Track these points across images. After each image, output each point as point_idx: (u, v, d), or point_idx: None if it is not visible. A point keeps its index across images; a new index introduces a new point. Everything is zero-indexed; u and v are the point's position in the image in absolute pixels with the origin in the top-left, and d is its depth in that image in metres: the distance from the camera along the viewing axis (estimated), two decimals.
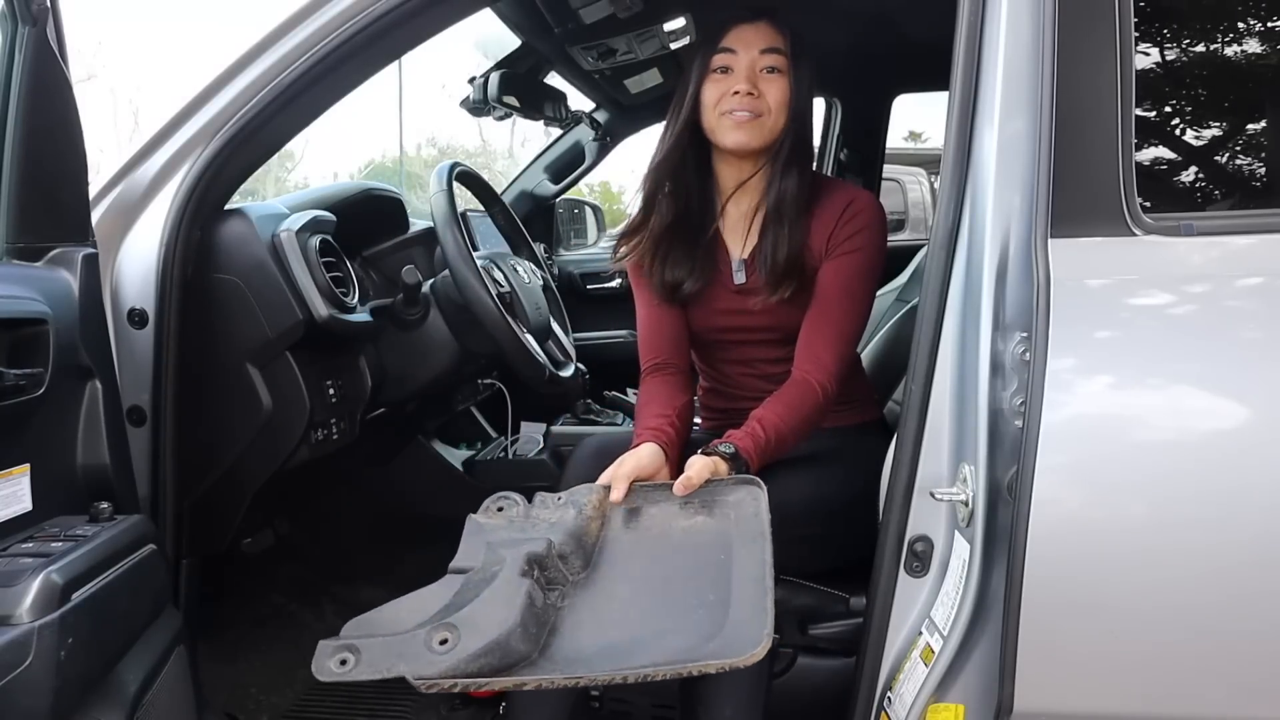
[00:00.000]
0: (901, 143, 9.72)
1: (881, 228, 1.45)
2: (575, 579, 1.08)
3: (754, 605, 0.98)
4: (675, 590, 1.04)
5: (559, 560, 1.08)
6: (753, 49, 1.39)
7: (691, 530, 1.15)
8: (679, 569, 1.07)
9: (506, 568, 1.03)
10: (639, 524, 1.18)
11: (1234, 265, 1.03)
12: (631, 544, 1.14)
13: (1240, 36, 1.12)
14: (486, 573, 1.04)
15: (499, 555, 1.06)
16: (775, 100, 1.39)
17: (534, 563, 1.05)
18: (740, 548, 1.08)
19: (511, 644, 0.95)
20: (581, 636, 0.99)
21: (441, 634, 0.95)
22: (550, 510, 1.17)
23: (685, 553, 1.11)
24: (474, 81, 2.20)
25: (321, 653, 0.95)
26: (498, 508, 1.18)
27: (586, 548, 1.12)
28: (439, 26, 1.38)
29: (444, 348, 1.77)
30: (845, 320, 1.41)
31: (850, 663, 1.21)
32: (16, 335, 1.05)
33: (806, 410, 1.35)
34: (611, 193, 12.83)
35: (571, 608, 1.04)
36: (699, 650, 0.93)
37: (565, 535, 1.10)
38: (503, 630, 0.95)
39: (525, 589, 1.00)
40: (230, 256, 1.41)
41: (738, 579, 1.02)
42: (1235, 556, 0.99)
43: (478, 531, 1.14)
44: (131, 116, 12.10)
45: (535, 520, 1.15)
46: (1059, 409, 0.98)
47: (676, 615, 1.00)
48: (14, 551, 0.98)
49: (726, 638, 0.94)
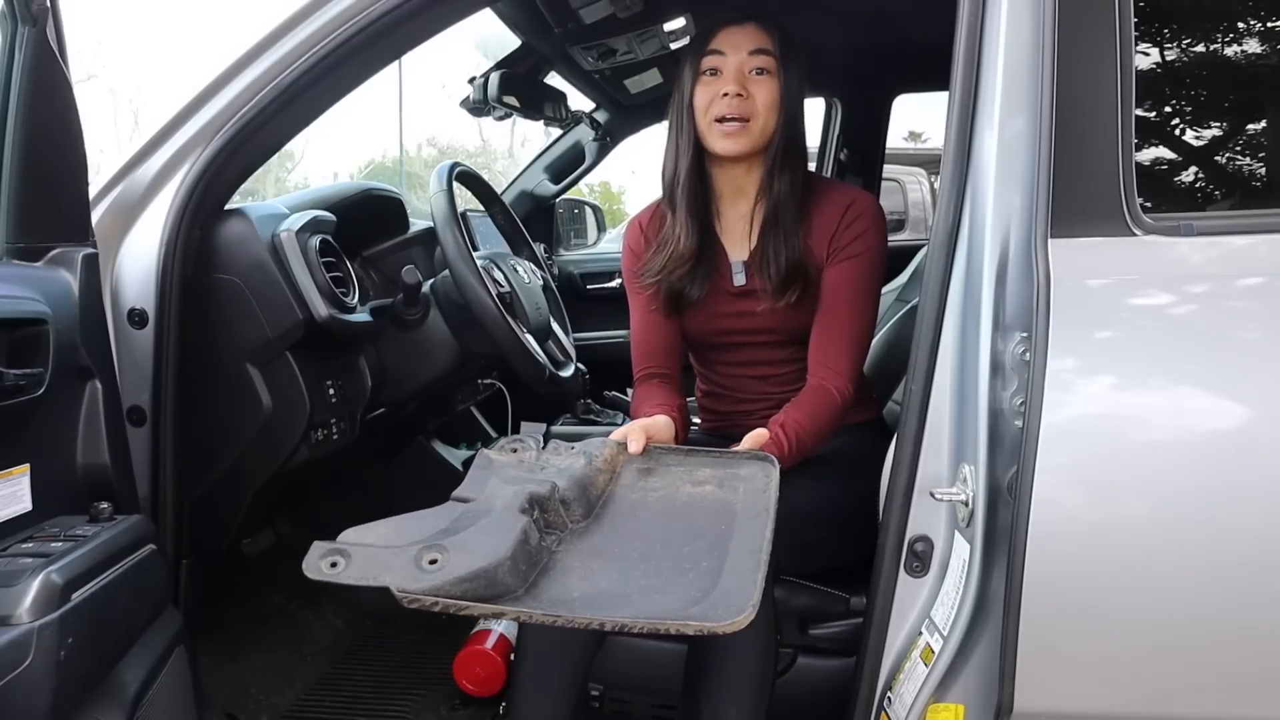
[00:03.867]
0: (901, 143, 9.72)
1: (883, 229, 1.45)
2: (574, 527, 1.09)
3: (744, 576, 0.98)
4: (670, 552, 1.04)
5: (560, 505, 1.09)
6: (741, 50, 1.39)
7: (697, 498, 1.15)
8: (678, 532, 1.08)
9: (507, 502, 1.05)
10: (647, 484, 1.18)
11: (1234, 265, 1.03)
12: (635, 502, 1.15)
13: (1240, 36, 1.12)
14: (487, 504, 1.06)
15: (502, 490, 1.08)
16: (764, 102, 1.39)
17: (535, 503, 1.06)
18: (743, 521, 1.08)
19: (499, 575, 0.95)
20: (569, 581, 1.00)
21: (432, 554, 0.96)
22: (561, 457, 1.18)
23: (687, 518, 1.11)
24: (474, 81, 2.20)
25: (313, 552, 0.97)
26: (512, 448, 1.19)
27: (590, 498, 1.13)
28: (439, 26, 1.38)
29: (444, 348, 1.77)
30: (855, 324, 1.42)
31: (850, 663, 1.21)
32: (16, 335, 1.05)
33: (826, 417, 1.35)
34: (611, 193, 12.84)
35: (564, 553, 1.05)
36: (681, 612, 0.93)
37: (571, 482, 1.11)
38: (492, 560, 0.95)
39: (521, 525, 1.01)
40: (230, 256, 1.41)
41: (734, 550, 1.02)
42: (1235, 556, 0.99)
43: (486, 466, 1.16)
44: (131, 116, 12.10)
45: (545, 464, 1.17)
46: (1059, 409, 0.98)
47: (666, 576, 1.00)
48: (14, 551, 0.98)
49: (711, 603, 0.94)
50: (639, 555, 1.04)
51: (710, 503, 1.13)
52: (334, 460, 1.64)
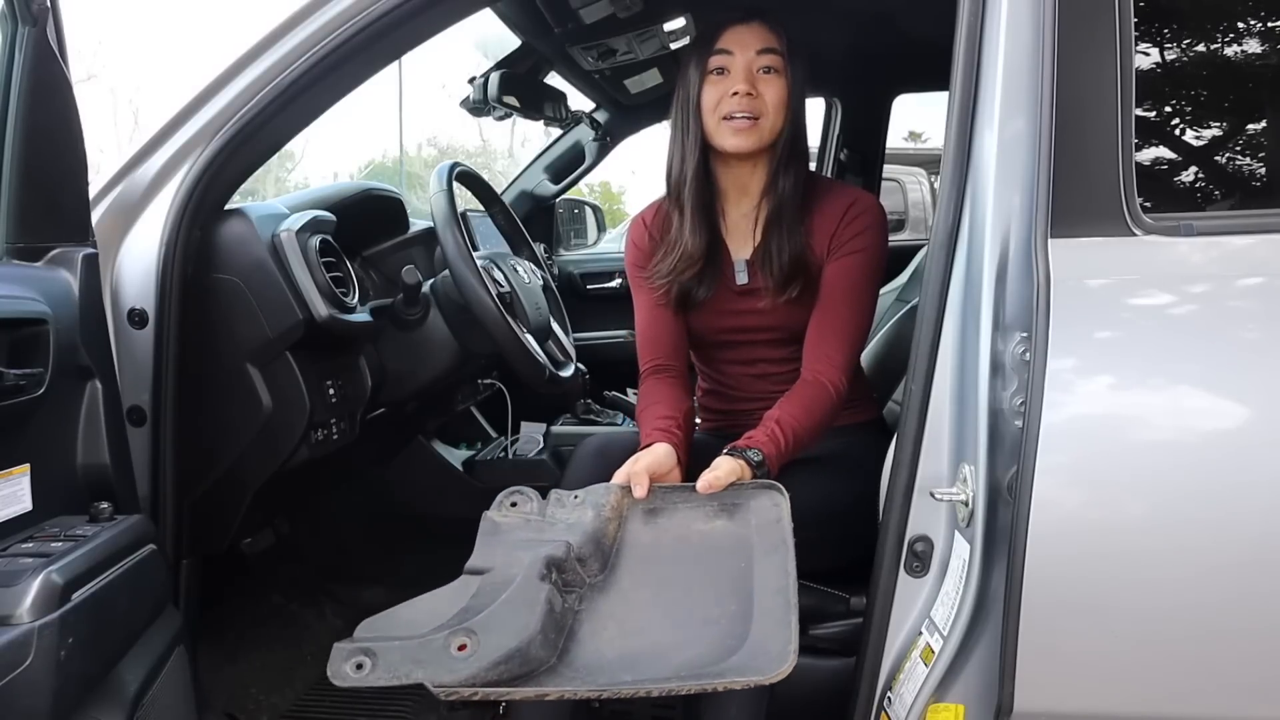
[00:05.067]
0: (901, 143, 9.72)
1: (883, 228, 1.45)
2: (593, 581, 1.06)
3: (777, 620, 0.96)
4: (695, 598, 1.02)
5: (577, 563, 1.06)
6: (749, 50, 1.39)
7: (711, 535, 1.13)
8: (699, 575, 1.06)
9: (525, 571, 1.01)
10: (657, 526, 1.16)
11: (1234, 265, 1.03)
12: (650, 547, 1.12)
13: (1240, 36, 1.12)
14: (504, 575, 1.02)
15: (517, 557, 1.04)
16: (773, 100, 1.39)
17: (553, 566, 1.03)
18: (761, 556, 1.06)
19: (532, 651, 0.93)
20: (601, 644, 0.97)
21: (460, 639, 0.93)
22: (567, 510, 1.15)
23: (705, 558, 1.09)
24: (474, 81, 2.20)
25: (337, 656, 0.93)
26: (511, 503, 1.16)
27: (605, 550, 1.10)
28: (439, 27, 1.38)
29: (444, 348, 1.77)
30: (852, 319, 1.42)
31: (850, 663, 1.21)
32: (16, 335, 1.05)
33: (821, 411, 1.35)
34: (611, 193, 12.84)
35: (590, 612, 1.02)
36: (721, 664, 0.91)
37: (584, 537, 1.09)
38: (523, 637, 0.93)
39: (545, 594, 0.98)
40: (230, 256, 1.41)
41: (759, 589, 1.01)
42: (1235, 556, 0.99)
43: (494, 531, 1.12)
44: (131, 116, 12.10)
45: (552, 520, 1.13)
46: (1059, 409, 0.98)
47: (697, 625, 0.98)
48: (14, 551, 0.98)
49: (749, 652, 0.93)
50: (664, 604, 1.03)
51: (725, 539, 1.11)
52: (334, 460, 1.64)
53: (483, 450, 2.28)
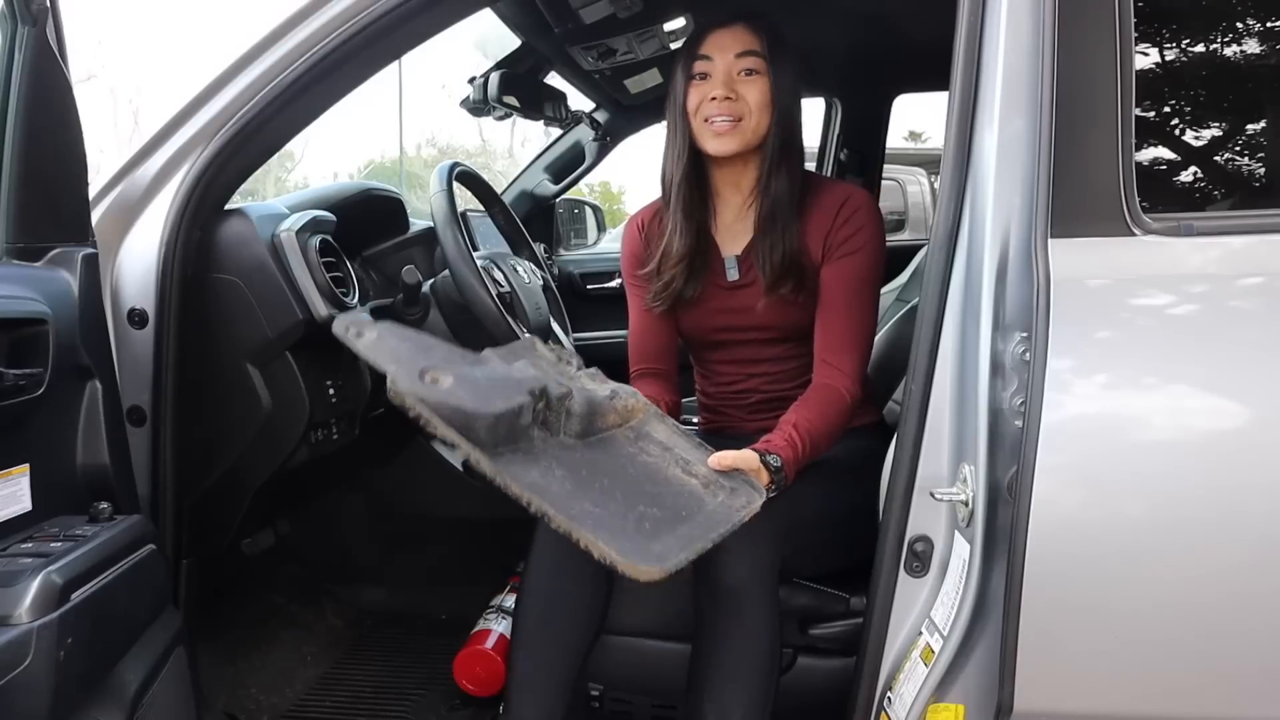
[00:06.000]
0: (901, 143, 9.71)
1: (878, 225, 1.45)
2: (564, 439, 1.13)
3: (678, 545, 1.02)
4: (626, 500, 1.09)
5: (564, 413, 1.12)
6: (728, 53, 1.40)
7: (679, 482, 1.17)
8: (644, 493, 1.11)
9: (524, 381, 1.10)
10: (645, 447, 1.20)
11: (1234, 265, 1.03)
12: (626, 454, 1.18)
13: (1240, 36, 1.12)
14: (508, 370, 1.13)
15: (526, 370, 1.14)
16: (755, 101, 1.39)
17: (544, 395, 1.10)
18: (703, 519, 1.10)
19: (477, 424, 1.00)
20: (530, 470, 1.05)
21: (437, 374, 1.01)
22: (592, 381, 1.23)
23: (660, 488, 1.14)
24: (474, 81, 2.20)
25: (349, 315, 1.08)
26: (557, 355, 1.24)
27: (592, 426, 1.16)
28: (439, 27, 1.38)
29: None
30: (856, 322, 1.42)
31: (850, 663, 1.21)
32: (16, 335, 1.05)
33: (837, 415, 1.36)
34: (611, 193, 12.84)
35: (541, 451, 1.09)
36: (609, 539, 0.98)
37: (585, 401, 1.14)
38: (481, 410, 1.01)
39: (523, 403, 1.06)
40: (230, 256, 1.41)
41: (680, 532, 1.06)
42: (1235, 556, 0.99)
43: (528, 348, 1.21)
44: (131, 116, 12.11)
45: (575, 377, 1.21)
46: (1059, 409, 0.98)
47: (612, 513, 1.05)
48: (14, 551, 0.98)
49: (636, 546, 0.99)
50: (600, 489, 1.08)
51: (686, 492, 1.15)
52: (334, 460, 1.64)
53: None
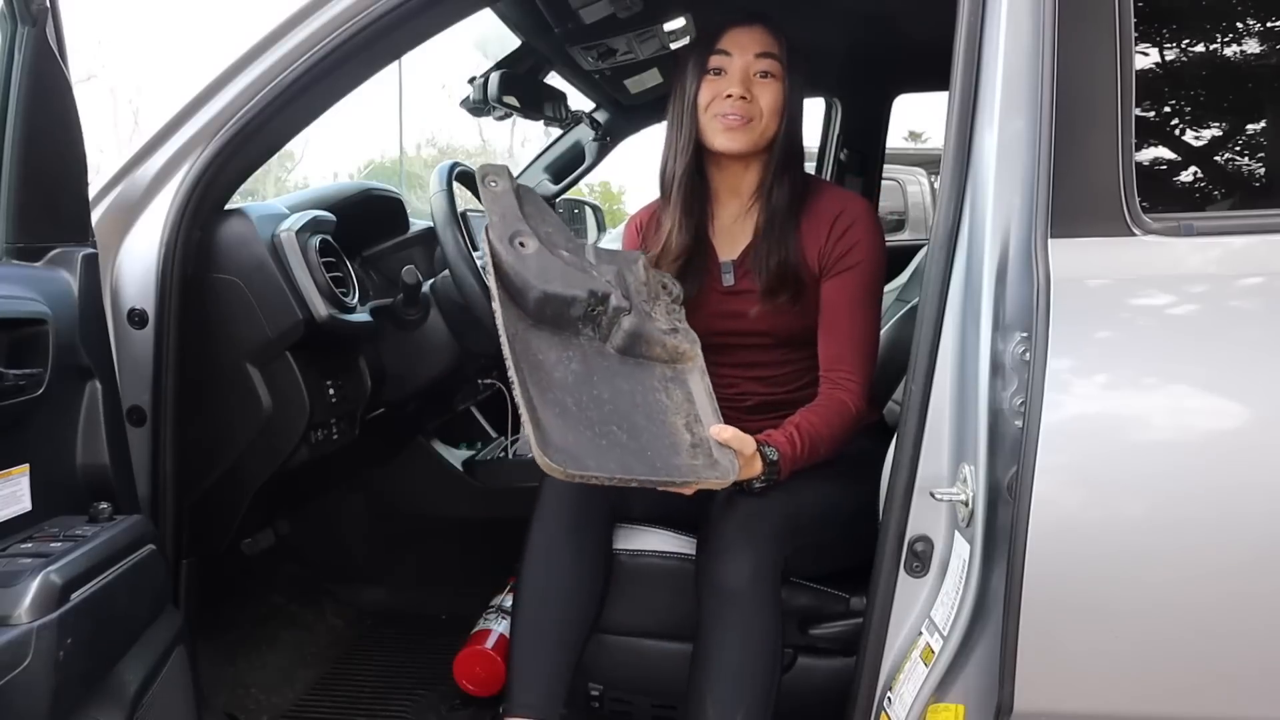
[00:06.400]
0: (901, 143, 9.72)
1: (876, 236, 1.44)
2: (601, 346, 1.25)
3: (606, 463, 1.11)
4: (611, 414, 1.18)
5: (613, 326, 1.24)
6: (747, 52, 1.39)
7: (673, 429, 1.22)
8: (630, 419, 1.19)
9: (595, 280, 1.23)
10: (670, 389, 1.26)
11: (1234, 265, 1.03)
12: (647, 388, 1.24)
13: (1240, 36, 1.12)
14: (584, 264, 1.26)
15: (605, 270, 1.27)
16: (768, 105, 1.39)
17: (603, 300, 1.22)
18: (661, 462, 1.16)
19: (529, 294, 1.17)
20: (549, 349, 1.19)
21: (526, 239, 1.18)
22: (660, 307, 1.31)
23: (650, 423, 1.20)
24: (474, 81, 2.20)
25: (489, 166, 1.26)
26: (648, 279, 1.32)
27: (635, 348, 1.25)
28: (439, 27, 1.38)
29: (444, 348, 1.77)
30: (860, 335, 1.42)
31: (850, 663, 1.21)
32: (16, 335, 1.05)
33: (841, 424, 1.35)
34: (611, 193, 12.86)
35: (575, 342, 1.22)
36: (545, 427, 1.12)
37: (637, 324, 1.24)
38: (538, 284, 1.17)
39: (576, 294, 1.20)
40: (230, 256, 1.41)
41: (632, 459, 1.14)
42: (1235, 556, 0.99)
43: (632, 260, 1.32)
44: (131, 116, 12.12)
45: (647, 296, 1.30)
46: (1059, 409, 0.98)
47: (588, 415, 1.16)
48: (13, 552, 0.98)
49: (564, 444, 1.11)
50: (593, 396, 1.19)
51: (670, 439, 1.20)
52: (334, 460, 1.64)
53: (483, 450, 2.28)
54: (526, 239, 1.17)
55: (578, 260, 1.26)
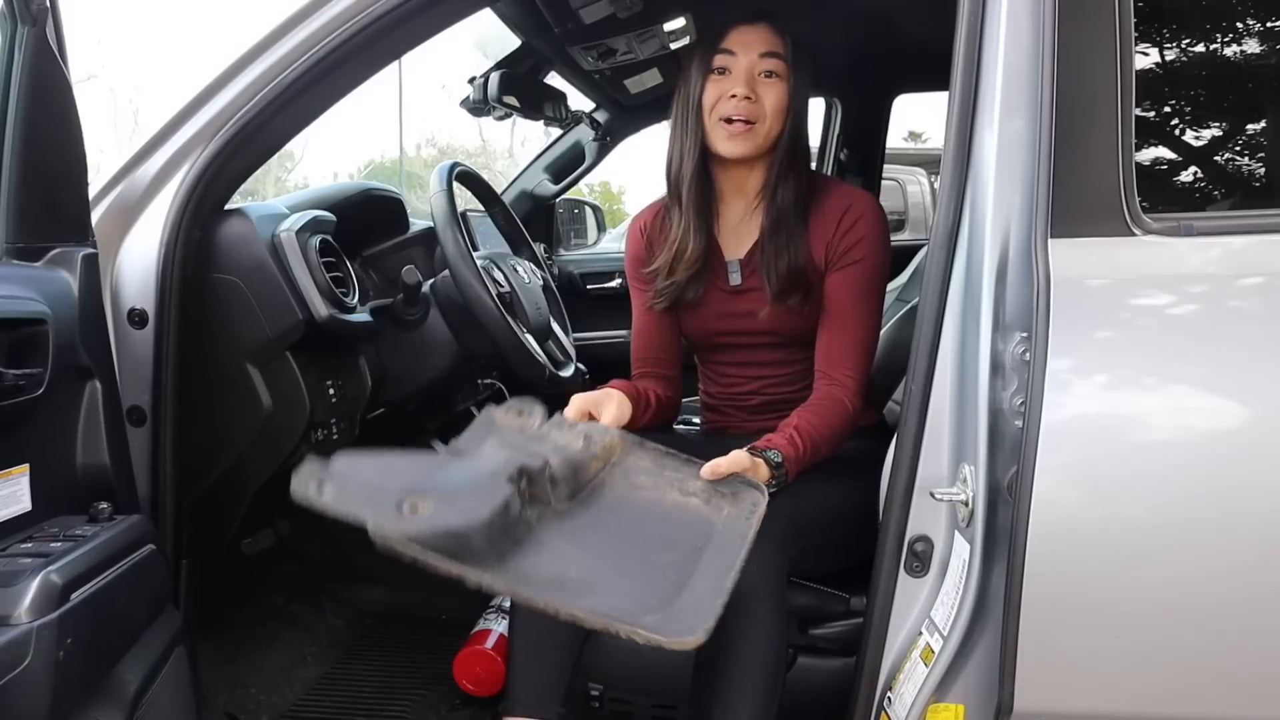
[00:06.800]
0: (901, 143, 9.71)
1: (882, 231, 1.44)
2: (557, 507, 1.08)
3: (707, 598, 0.97)
4: (641, 554, 1.05)
5: (549, 483, 1.08)
6: (752, 52, 1.38)
7: (682, 507, 1.14)
8: (654, 537, 1.08)
9: (498, 468, 1.05)
10: (637, 481, 1.17)
11: (1234, 265, 1.03)
12: (620, 496, 1.14)
13: (1240, 36, 1.12)
14: (478, 464, 1.06)
15: (496, 454, 1.08)
16: (772, 105, 1.38)
17: (524, 474, 1.05)
18: (718, 542, 1.07)
19: (473, 540, 0.95)
20: (540, 560, 1.00)
21: (414, 500, 0.96)
22: (562, 433, 1.18)
23: (666, 525, 1.11)
24: (474, 81, 2.20)
25: (305, 469, 0.97)
26: (518, 411, 1.19)
27: (579, 482, 1.12)
28: (439, 27, 1.38)
29: (444, 348, 1.76)
30: (859, 332, 1.41)
31: (850, 663, 1.21)
32: (16, 335, 1.05)
33: (839, 422, 1.35)
34: (611, 193, 12.86)
35: (541, 530, 1.05)
36: (637, 616, 0.93)
37: (564, 461, 1.11)
38: (469, 522, 0.96)
39: (505, 495, 1.01)
40: (230, 256, 1.41)
41: (703, 569, 1.02)
42: (1235, 556, 0.99)
43: (488, 425, 1.16)
44: (131, 116, 12.13)
45: (544, 436, 1.17)
46: (1059, 409, 0.98)
47: (632, 576, 1.00)
48: (13, 551, 0.98)
49: (667, 615, 0.94)
50: (611, 549, 1.04)
51: (692, 516, 1.12)
52: None
53: None
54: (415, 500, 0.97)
55: (462, 467, 1.08)
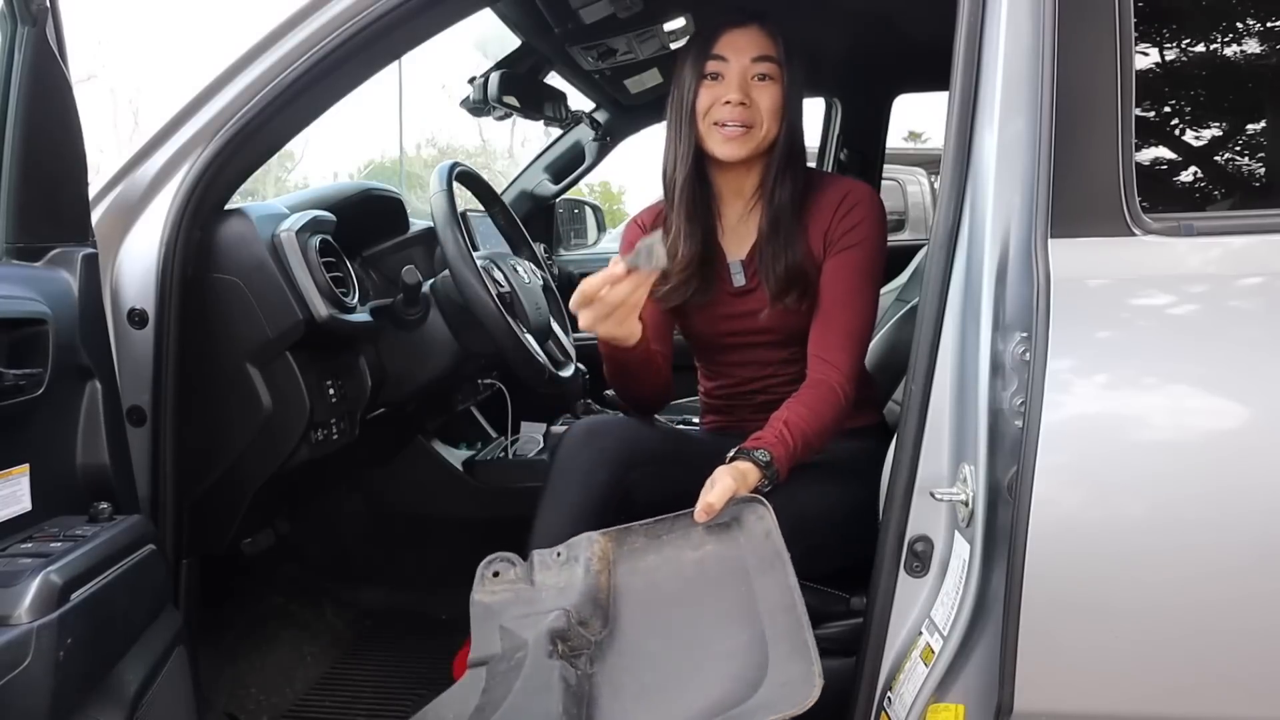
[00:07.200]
0: (901, 143, 9.71)
1: (879, 218, 1.43)
2: (599, 639, 1.03)
3: (793, 642, 0.94)
4: (705, 635, 0.99)
5: (580, 627, 1.03)
6: (744, 56, 1.38)
7: (704, 563, 1.10)
8: (703, 609, 1.03)
9: (531, 652, 0.98)
10: (647, 565, 1.12)
11: (1234, 265, 1.03)
12: (646, 590, 1.09)
13: (1240, 36, 1.12)
14: (511, 661, 0.99)
15: (519, 639, 1.01)
16: (767, 108, 1.38)
17: (557, 638, 1.00)
18: (758, 574, 1.04)
19: None
20: (625, 704, 0.95)
21: None
22: (554, 572, 1.11)
23: (704, 590, 1.06)
24: (474, 81, 2.20)
25: None
26: (493, 573, 1.13)
27: (602, 605, 1.07)
28: (439, 27, 1.38)
29: (444, 348, 1.76)
30: (853, 318, 1.40)
31: (850, 663, 1.21)
32: (16, 335, 1.05)
33: (830, 414, 1.34)
34: (611, 193, 12.86)
35: (604, 673, 0.99)
36: (748, 702, 0.89)
37: (579, 598, 1.05)
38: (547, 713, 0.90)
39: (558, 672, 0.95)
40: (230, 256, 1.41)
41: (765, 610, 0.99)
42: (1235, 556, 0.99)
43: (486, 615, 1.09)
44: (131, 116, 12.13)
45: (541, 587, 1.10)
46: (1059, 409, 0.98)
47: (714, 664, 0.95)
48: (13, 552, 0.98)
49: (773, 683, 0.90)
50: (677, 648, 0.99)
51: (719, 565, 1.08)
52: (334, 460, 1.64)
53: (483, 450, 2.28)
54: None
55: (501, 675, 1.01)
